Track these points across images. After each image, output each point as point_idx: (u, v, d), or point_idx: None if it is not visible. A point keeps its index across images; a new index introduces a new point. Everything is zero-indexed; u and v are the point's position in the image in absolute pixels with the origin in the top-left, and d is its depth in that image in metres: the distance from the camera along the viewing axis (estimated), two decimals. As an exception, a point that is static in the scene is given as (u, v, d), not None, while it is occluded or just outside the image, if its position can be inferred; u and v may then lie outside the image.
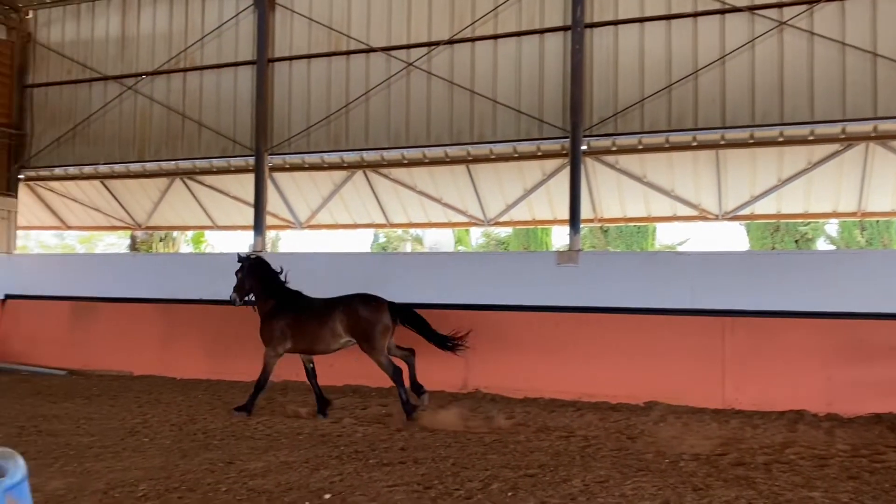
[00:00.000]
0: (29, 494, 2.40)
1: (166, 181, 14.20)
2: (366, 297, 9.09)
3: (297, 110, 12.35)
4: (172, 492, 5.35)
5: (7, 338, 13.36)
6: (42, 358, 12.75)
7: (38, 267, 14.16)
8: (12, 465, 2.33)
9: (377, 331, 8.75)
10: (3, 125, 14.09)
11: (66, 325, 13.13)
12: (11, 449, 2.46)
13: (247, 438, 7.30)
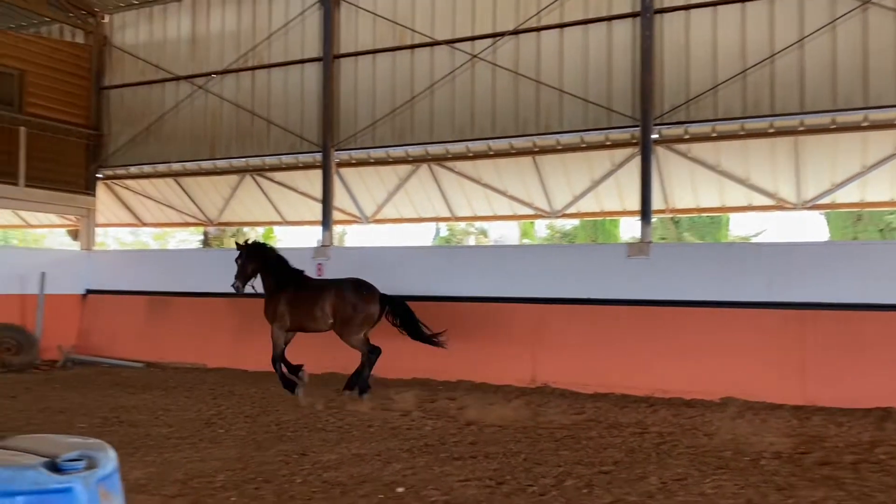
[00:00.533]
0: (120, 485, 2.43)
1: (237, 178, 14.49)
2: (357, 284, 9.41)
3: (363, 105, 12.42)
4: (249, 483, 5.44)
5: (88, 331, 13.89)
6: (120, 350, 13.21)
7: (116, 263, 14.67)
8: (104, 456, 2.36)
9: (358, 318, 9.09)
10: (82, 126, 14.62)
11: (143, 319, 13.56)
12: (101, 440, 2.50)
13: (319, 430, 7.38)
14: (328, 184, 12.47)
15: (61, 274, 13.58)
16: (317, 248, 12.35)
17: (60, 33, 15.40)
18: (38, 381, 10.93)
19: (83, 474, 2.20)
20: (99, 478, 2.27)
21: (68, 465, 2.19)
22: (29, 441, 2.43)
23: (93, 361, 12.90)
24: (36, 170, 13.42)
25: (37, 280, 13.04)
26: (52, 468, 2.17)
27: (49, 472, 2.14)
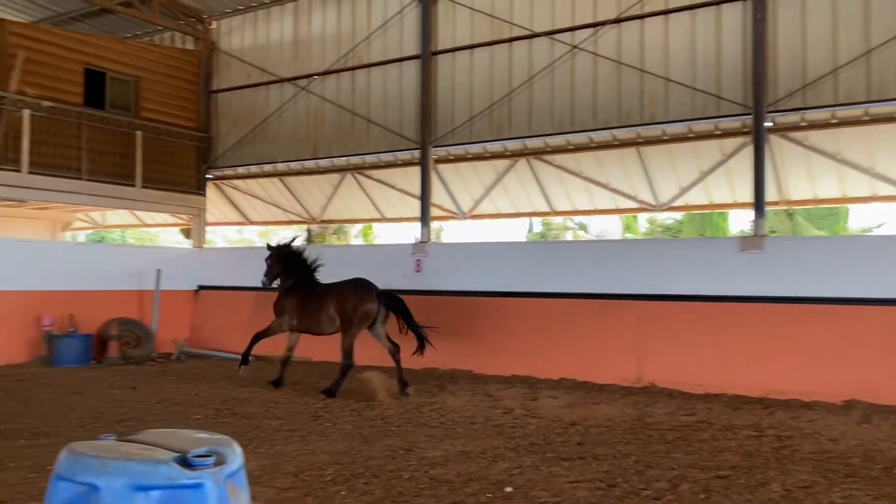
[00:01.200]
0: (246, 482, 2.44)
1: (338, 176, 14.79)
2: (356, 284, 9.65)
3: (461, 101, 12.40)
4: (358, 477, 5.48)
5: (200, 325, 14.49)
6: (230, 344, 13.68)
7: (225, 260, 15.26)
8: (231, 452, 2.37)
9: (357, 315, 9.32)
10: (192, 129, 15.28)
11: (251, 314, 14.01)
12: (227, 436, 2.52)
13: (423, 426, 7.39)
14: (426, 180, 12.53)
15: (175, 271, 14.23)
16: (415, 245, 12.43)
17: (172, 40, 16.14)
18: (155, 372, 11.47)
19: (212, 470, 2.22)
20: (227, 474, 2.29)
21: (198, 460, 2.21)
22: (158, 436, 2.48)
23: (204, 354, 13.44)
24: (151, 171, 14.12)
25: (153, 277, 13.70)
26: (183, 463, 2.20)
27: (181, 468, 2.17)
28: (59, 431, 6.95)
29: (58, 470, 2.19)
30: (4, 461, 5.78)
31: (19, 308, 11.85)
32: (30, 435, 6.76)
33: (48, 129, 12.54)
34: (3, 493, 4.92)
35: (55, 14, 15.77)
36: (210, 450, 2.30)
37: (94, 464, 2.12)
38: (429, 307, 11.73)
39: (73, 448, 2.22)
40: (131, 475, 2.11)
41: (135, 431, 6.48)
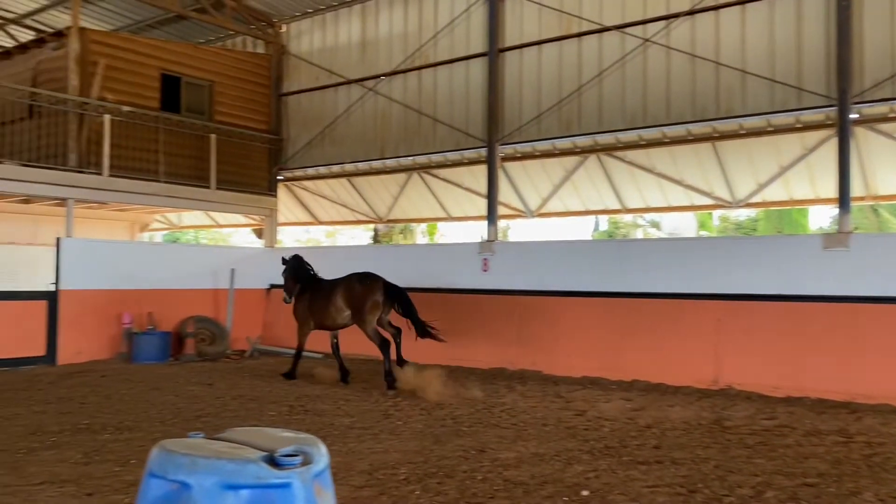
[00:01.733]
0: (331, 481, 2.42)
1: (405, 176, 14.85)
2: (362, 276, 10.12)
3: (528, 98, 12.27)
4: (431, 477, 5.46)
5: (272, 324, 14.76)
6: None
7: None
8: (317, 452, 2.36)
9: (368, 305, 9.73)
10: (264, 131, 15.59)
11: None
12: (313, 435, 2.51)
13: (494, 427, 7.32)
14: (493, 178, 12.44)
15: (248, 270, 14.55)
16: (482, 244, 12.37)
17: (243, 45, 16.50)
18: (230, 369, 11.74)
19: (300, 470, 2.21)
20: (314, 473, 2.27)
21: (286, 460, 2.20)
22: (245, 434, 2.48)
23: (276, 352, 13.68)
24: (224, 173, 14.46)
25: (227, 276, 14.04)
26: (271, 462, 2.19)
27: (269, 467, 2.16)
28: (141, 426, 7.16)
29: (150, 467, 2.21)
30: (90, 454, 5.99)
31: (101, 306, 12.30)
32: (113, 429, 6.99)
33: (127, 133, 12.98)
34: (91, 486, 5.08)
35: (133, 22, 16.33)
36: (296, 449, 2.29)
37: (186, 462, 2.13)
38: (496, 306, 11.70)
39: (164, 446, 2.24)
40: (221, 474, 2.11)
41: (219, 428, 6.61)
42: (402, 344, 10.10)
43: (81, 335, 11.98)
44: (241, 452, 2.22)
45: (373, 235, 23.44)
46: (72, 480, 5.20)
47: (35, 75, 13.29)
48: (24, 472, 5.40)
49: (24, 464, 5.66)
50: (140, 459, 5.80)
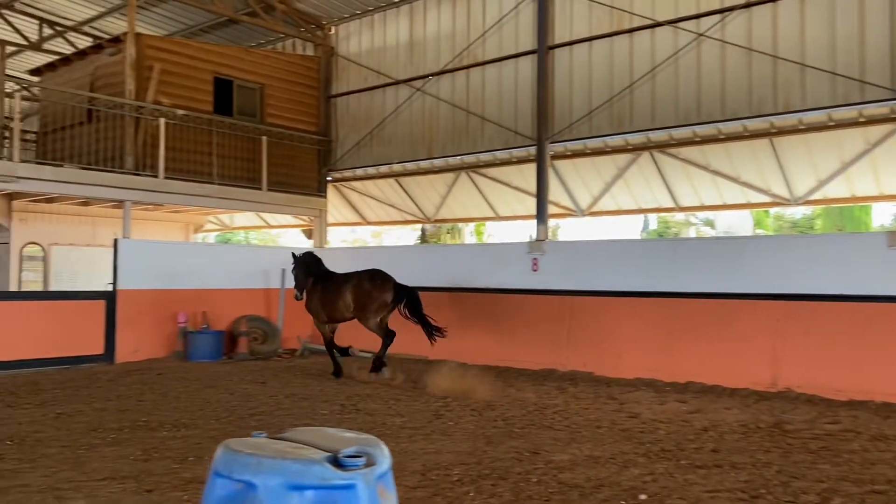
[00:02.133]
0: (394, 484, 2.39)
1: (453, 175, 14.84)
2: (373, 274, 10.37)
3: (579, 95, 12.13)
4: (485, 478, 5.40)
5: (321, 323, 14.87)
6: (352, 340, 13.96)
7: (345, 259, 15.53)
8: (380, 453, 2.33)
9: (375, 304, 10.06)
10: (313, 133, 15.75)
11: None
12: (375, 436, 2.49)
13: (546, 428, 7.23)
14: (542, 177, 12.32)
15: (298, 270, 14.67)
16: (531, 243, 12.26)
17: (293, 47, 16.70)
18: (282, 368, 11.87)
19: (364, 471, 2.19)
20: (377, 475, 2.24)
21: (350, 461, 2.18)
22: (307, 434, 2.47)
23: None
24: (275, 175, 14.65)
25: (279, 275, 14.20)
26: (335, 463, 2.17)
27: (333, 468, 2.14)
28: (197, 424, 7.27)
29: (215, 466, 2.21)
30: (149, 451, 6.09)
31: (157, 306, 12.56)
32: (171, 426, 7.11)
33: (182, 136, 13.24)
34: (151, 483, 5.16)
35: (186, 27, 16.67)
36: (359, 450, 2.26)
37: (251, 462, 2.12)
38: (546, 307, 11.58)
39: (229, 445, 2.24)
40: (286, 474, 2.10)
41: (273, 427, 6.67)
42: (388, 347, 10.39)
43: (138, 334, 12.26)
44: (305, 453, 2.20)
45: (420, 235, 23.48)
46: (132, 477, 5.29)
47: (93, 80, 13.66)
48: (86, 468, 5.53)
49: (86, 459, 5.79)
50: (197, 457, 5.89)
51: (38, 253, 15.85)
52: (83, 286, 15.01)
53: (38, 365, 11.05)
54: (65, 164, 12.18)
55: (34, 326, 11.17)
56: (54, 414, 7.66)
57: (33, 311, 11.36)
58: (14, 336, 11.05)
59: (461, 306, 12.69)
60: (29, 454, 5.93)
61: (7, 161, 11.47)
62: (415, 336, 13.03)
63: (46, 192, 12.42)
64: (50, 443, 6.34)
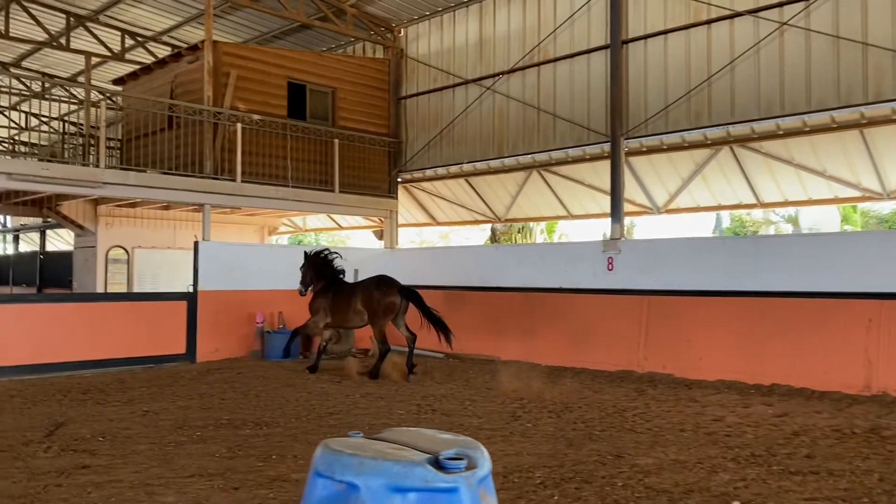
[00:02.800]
0: (493, 487, 2.33)
1: (524, 174, 14.72)
2: (380, 280, 10.87)
3: (654, 90, 11.83)
4: (568, 482, 5.29)
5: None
6: (422, 341, 14.00)
7: (415, 259, 15.65)
8: (480, 456, 2.27)
9: (382, 308, 10.52)
10: (383, 135, 15.87)
11: (440, 312, 14.25)
12: (473, 439, 2.43)
13: (628, 431, 7.05)
14: (617, 174, 12.05)
15: (371, 270, 14.77)
16: (606, 242, 12.03)
17: (363, 50, 16.86)
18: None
19: (466, 474, 2.13)
20: (479, 478, 2.18)
21: (451, 463, 2.12)
22: (405, 434, 2.43)
23: (399, 351, 13.83)
24: (347, 177, 14.81)
25: (352, 276, 14.33)
26: (436, 465, 2.12)
27: (436, 470, 2.09)
28: (278, 422, 7.38)
29: (316, 466, 2.19)
30: (234, 449, 6.21)
31: (235, 306, 12.86)
32: (253, 425, 7.24)
33: (257, 140, 13.53)
34: (237, 480, 5.24)
35: (260, 33, 17.04)
36: (460, 452, 2.21)
37: (353, 462, 2.09)
38: (622, 307, 11.34)
39: (329, 445, 2.21)
40: (389, 476, 2.06)
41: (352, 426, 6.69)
42: (414, 350, 10.88)
43: (217, 334, 12.57)
44: (406, 454, 2.16)
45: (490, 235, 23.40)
46: (218, 474, 5.39)
47: (173, 88, 14.11)
48: (174, 465, 5.66)
49: (174, 456, 5.93)
50: (280, 455, 5.97)
51: (122, 256, 16.48)
52: (164, 287, 15.53)
53: (124, 364, 11.46)
54: (147, 169, 12.59)
55: (120, 327, 11.59)
56: (142, 412, 7.91)
57: (119, 312, 11.79)
58: (102, 336, 11.49)
59: (533, 307, 12.57)
60: (120, 450, 6.12)
61: (94, 167, 11.94)
62: (485, 337, 13.01)
63: (130, 196, 12.87)
64: (139, 440, 6.54)
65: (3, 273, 21.51)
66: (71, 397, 8.86)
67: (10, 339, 10.64)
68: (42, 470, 5.43)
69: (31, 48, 18.91)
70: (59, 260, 19.12)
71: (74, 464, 5.62)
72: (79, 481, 5.15)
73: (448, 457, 2.15)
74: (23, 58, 19.89)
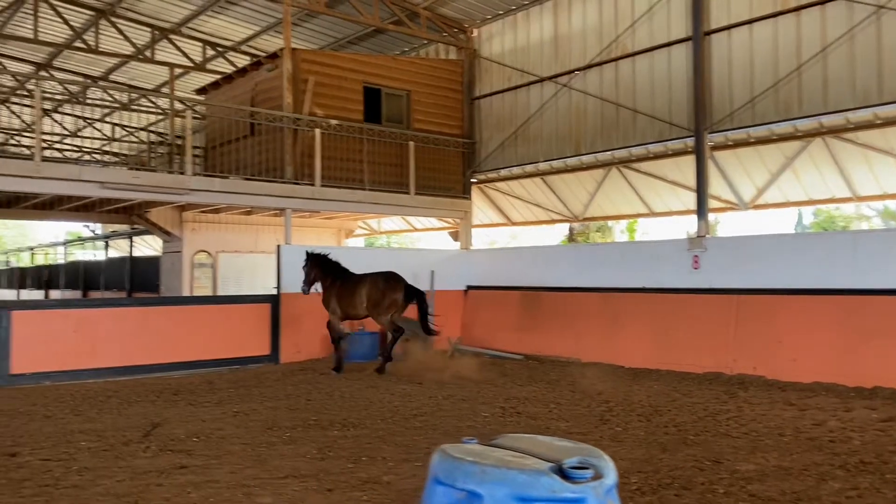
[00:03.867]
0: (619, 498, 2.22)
1: (602, 172, 14.43)
2: (388, 276, 11.25)
3: (739, 82, 11.40)
4: (666, 488, 5.11)
5: (470, 324, 14.94)
6: (499, 342, 13.93)
7: (490, 260, 15.56)
8: (605, 465, 2.16)
9: (386, 303, 10.98)
10: (457, 136, 15.83)
11: (518, 313, 14.15)
12: (594, 447, 2.33)
13: (723, 436, 6.78)
14: (702, 169, 11.67)
15: (446, 272, 14.83)
16: (691, 239, 11.66)
17: (436, 52, 16.89)
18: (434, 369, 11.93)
19: (593, 484, 2.03)
20: (606, 489, 2.08)
21: (577, 472, 2.03)
22: (522, 441, 2.35)
23: (476, 352, 13.78)
24: (422, 178, 14.84)
25: (427, 277, 14.38)
26: (561, 474, 2.03)
27: (562, 480, 2.00)
28: (364, 423, 7.41)
29: (435, 473, 2.13)
30: (324, 450, 6.25)
31: (316, 308, 12.99)
32: (340, 426, 7.29)
33: (335, 145, 13.70)
34: (330, 482, 5.27)
35: (335, 40, 17.28)
36: (584, 461, 2.11)
37: (475, 471, 2.02)
38: (709, 306, 10.98)
39: (447, 452, 2.15)
40: (513, 485, 1.98)
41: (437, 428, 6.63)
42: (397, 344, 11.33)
43: (300, 335, 12.78)
44: (529, 462, 2.08)
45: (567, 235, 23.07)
46: (311, 475, 5.43)
47: (253, 96, 14.43)
48: (268, 465, 5.74)
49: (267, 457, 6.02)
50: (370, 457, 5.98)
51: (206, 260, 16.97)
52: (247, 291, 15.90)
53: (211, 365, 11.77)
54: (230, 176, 12.91)
55: (206, 329, 11.91)
56: (232, 412, 8.07)
57: (205, 314, 12.13)
58: (189, 338, 11.85)
59: (614, 307, 12.31)
60: (214, 451, 6.25)
61: (180, 175, 12.32)
62: (564, 338, 12.81)
63: (215, 202, 13.24)
64: (232, 440, 6.67)
65: (96, 278, 22.47)
66: (164, 398, 9.14)
67: (103, 342, 11.07)
68: (143, 469, 5.59)
69: (119, 62, 19.72)
70: (147, 265, 19.85)
71: (173, 464, 5.77)
72: (178, 481, 5.27)
73: (572, 465, 2.06)
74: (110, 71, 20.76)
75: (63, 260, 27.25)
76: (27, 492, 5.04)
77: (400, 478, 5.37)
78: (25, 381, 10.26)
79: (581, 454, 2.17)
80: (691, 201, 12.03)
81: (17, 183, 10.58)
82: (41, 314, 11.03)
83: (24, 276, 29.41)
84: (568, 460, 2.08)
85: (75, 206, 15.19)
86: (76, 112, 20.31)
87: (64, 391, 9.69)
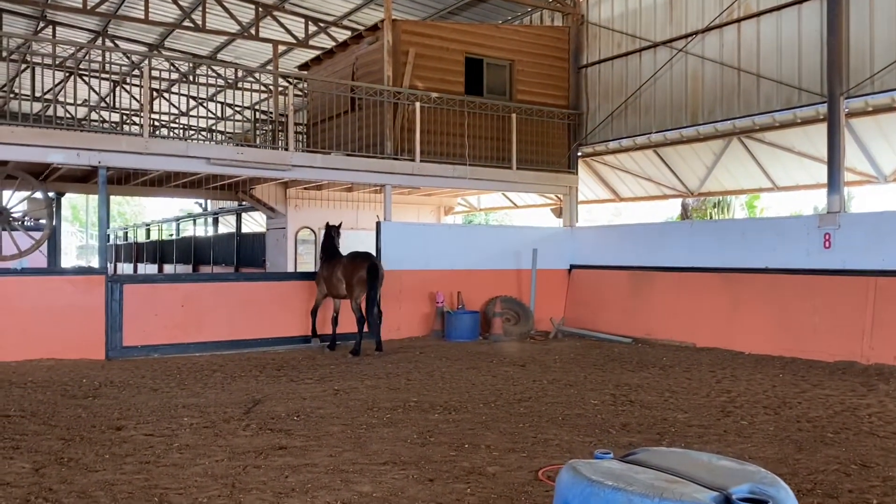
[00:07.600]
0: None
1: (721, 143, 13.42)
2: (355, 255, 11.19)
3: (882, 41, 10.21)
4: (807, 494, 4.51)
5: (574, 304, 14.36)
6: (604, 324, 13.30)
7: (597, 238, 14.85)
8: (784, 497, 1.67)
9: (355, 280, 10.86)
10: (562, 107, 15.13)
11: (626, 294, 13.45)
12: (767, 470, 1.84)
13: (868, 435, 6.02)
14: (835, 139, 10.56)
15: (549, 250, 14.29)
16: (822, 216, 10.64)
17: (541, 19, 16.20)
18: (537, 350, 11.51)
19: (772, 524, 1.55)
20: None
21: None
22: (668, 459, 1.88)
23: (581, 334, 13.25)
24: (525, 153, 14.28)
25: (529, 256, 13.89)
26: (728, 507, 1.56)
27: (731, 516, 1.53)
28: (466, 407, 7.08)
29: (565, 497, 1.70)
30: (425, 434, 5.95)
31: (416, 286, 12.84)
32: (441, 409, 6.98)
33: (435, 118, 13.35)
34: (431, 471, 4.94)
35: (436, 10, 16.89)
36: (756, 490, 1.63)
37: (621, 500, 1.57)
38: (842, 289, 10.02)
39: (581, 472, 1.72)
40: (669, 522, 1.53)
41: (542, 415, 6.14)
42: (381, 329, 11.27)
43: (399, 312, 12.61)
44: (687, 490, 1.61)
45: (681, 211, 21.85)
46: (412, 462, 5.12)
47: (354, 70, 14.25)
48: (367, 450, 5.48)
49: (366, 440, 5.77)
50: (472, 444, 5.63)
51: (309, 237, 17.11)
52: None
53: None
54: (332, 151, 12.81)
55: (309, 304, 11.91)
56: (332, 391, 7.92)
57: (309, 290, 12.11)
58: (292, 313, 11.89)
59: (734, 289, 11.46)
60: (314, 431, 6.06)
61: (283, 151, 12.30)
62: (677, 321, 12.06)
63: (317, 178, 13.19)
64: (332, 420, 6.47)
65: (206, 253, 23.23)
66: (266, 373, 9.12)
67: (210, 316, 11.24)
68: (242, 449, 5.45)
69: (225, 41, 20.08)
70: (253, 241, 20.28)
71: (271, 444, 5.61)
72: (276, 463, 5.08)
73: (743, 498, 1.58)
74: (217, 51, 21.20)
75: (176, 235, 28.35)
76: (129, 468, 4.98)
77: (506, 469, 4.99)
78: (137, 354, 10.54)
79: (750, 479, 1.70)
80: (821, 174, 10.96)
81: (127, 159, 10.80)
82: (151, 288, 11.29)
83: (140, 250, 30.87)
84: (736, 489, 1.62)
85: (184, 183, 15.55)
86: (185, 92, 20.87)
87: (171, 364, 9.87)
